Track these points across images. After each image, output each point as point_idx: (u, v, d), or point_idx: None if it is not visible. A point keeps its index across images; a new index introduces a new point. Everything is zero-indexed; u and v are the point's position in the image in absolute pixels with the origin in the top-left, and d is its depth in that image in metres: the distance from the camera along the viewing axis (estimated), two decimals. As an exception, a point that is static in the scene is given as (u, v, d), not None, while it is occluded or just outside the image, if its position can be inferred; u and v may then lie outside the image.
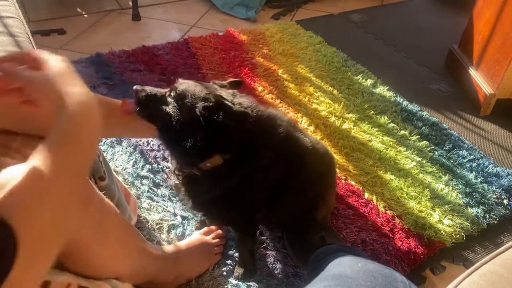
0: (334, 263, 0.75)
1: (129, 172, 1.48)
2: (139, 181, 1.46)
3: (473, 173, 1.64)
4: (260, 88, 2.01)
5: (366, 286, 0.61)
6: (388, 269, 0.69)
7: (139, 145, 1.59)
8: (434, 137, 1.81)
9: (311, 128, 1.80)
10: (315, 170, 1.21)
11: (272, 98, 1.95)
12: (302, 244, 1.23)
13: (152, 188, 1.45)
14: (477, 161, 1.69)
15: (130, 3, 2.57)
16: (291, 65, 2.21)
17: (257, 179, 1.06)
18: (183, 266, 1.16)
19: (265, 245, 1.33)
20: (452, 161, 1.69)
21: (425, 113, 1.94)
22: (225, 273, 1.23)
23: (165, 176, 1.50)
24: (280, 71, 2.15)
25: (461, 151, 1.73)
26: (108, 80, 1.93)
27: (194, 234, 1.29)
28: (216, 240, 1.28)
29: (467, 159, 1.70)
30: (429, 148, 1.74)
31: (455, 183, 1.59)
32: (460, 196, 1.54)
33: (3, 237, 0.48)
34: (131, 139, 1.62)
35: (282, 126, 1.08)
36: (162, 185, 1.47)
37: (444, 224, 1.42)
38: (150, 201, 1.40)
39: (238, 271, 1.24)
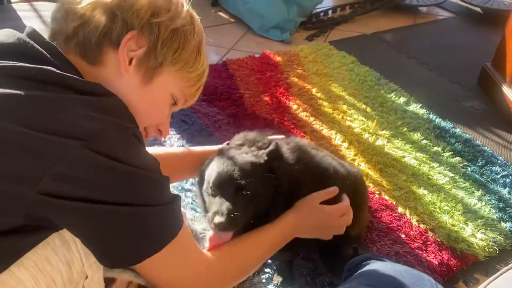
0: (367, 267, 0.82)
1: (174, 186, 1.60)
2: (184, 193, 1.58)
3: (507, 188, 1.66)
4: (294, 107, 2.10)
5: (395, 282, 0.68)
6: (416, 270, 0.75)
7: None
8: (467, 153, 1.84)
9: (345, 144, 1.87)
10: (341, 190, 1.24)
11: (306, 116, 2.04)
12: (335, 257, 1.29)
13: (196, 200, 1.56)
14: (510, 177, 1.71)
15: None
16: (324, 84, 2.30)
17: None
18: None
19: (302, 255, 1.40)
20: (485, 177, 1.72)
21: (458, 130, 1.98)
22: (264, 280, 1.31)
23: (195, 195, 1.60)
24: (314, 90, 2.24)
25: (494, 167, 1.76)
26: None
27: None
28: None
29: (500, 175, 1.72)
30: (462, 164, 1.78)
31: (488, 198, 1.62)
32: (493, 211, 1.56)
33: None
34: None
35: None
36: (190, 205, 1.57)
37: (477, 238, 1.46)
38: (194, 212, 1.51)
39: (277, 279, 1.31)
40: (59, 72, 0.67)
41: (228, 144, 1.14)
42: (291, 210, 1.08)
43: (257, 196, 1.01)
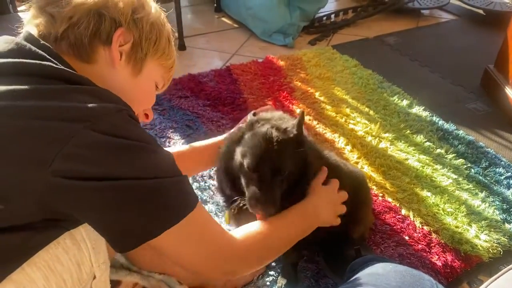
0: (368, 267, 0.83)
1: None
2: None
3: (511, 190, 1.66)
4: (298, 111, 2.12)
5: (396, 281, 0.69)
6: (417, 270, 0.76)
7: (188, 165, 1.73)
8: (471, 155, 1.84)
9: (348, 147, 1.88)
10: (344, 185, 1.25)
11: (310, 120, 2.05)
12: (338, 258, 1.30)
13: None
14: (514, 178, 1.71)
15: (176, 34, 2.77)
16: (327, 88, 2.32)
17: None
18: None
19: (305, 258, 1.41)
20: (488, 179, 1.72)
21: (461, 132, 1.98)
22: (268, 283, 1.32)
23: (212, 193, 1.62)
24: (317, 94, 2.26)
25: (498, 169, 1.76)
26: (158, 106, 2.09)
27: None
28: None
29: (504, 176, 1.73)
30: (465, 166, 1.78)
31: (492, 199, 1.62)
32: (497, 213, 1.57)
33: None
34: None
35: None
36: (209, 201, 1.59)
37: (481, 239, 1.46)
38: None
39: (281, 281, 1.32)
40: (57, 66, 0.72)
41: (254, 114, 1.11)
42: (310, 193, 1.11)
43: (291, 174, 1.03)
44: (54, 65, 0.72)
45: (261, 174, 0.99)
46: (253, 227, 0.96)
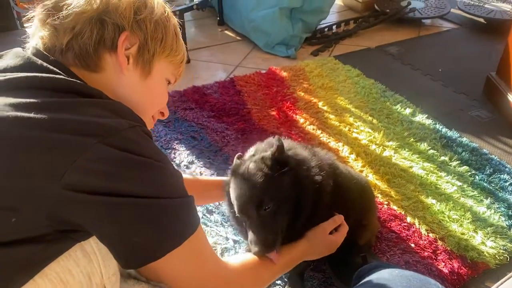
0: (374, 273, 0.84)
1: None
2: (194, 208, 1.60)
3: (516, 196, 1.67)
4: (301, 120, 2.13)
5: (402, 286, 0.69)
6: (423, 275, 0.77)
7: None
8: (475, 162, 1.85)
9: (352, 156, 1.89)
10: (350, 197, 1.26)
11: (313, 129, 2.07)
12: (344, 265, 1.30)
13: (206, 214, 1.58)
14: (519, 184, 1.71)
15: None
16: (330, 97, 2.33)
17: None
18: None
19: (312, 267, 1.41)
20: (493, 185, 1.73)
21: (464, 139, 1.99)
22: (275, 292, 1.32)
23: (217, 203, 1.63)
24: (320, 103, 2.27)
25: (502, 175, 1.77)
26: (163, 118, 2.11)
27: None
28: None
29: (508, 182, 1.73)
30: (469, 173, 1.79)
31: (497, 206, 1.62)
32: (503, 219, 1.57)
33: None
34: (186, 170, 1.78)
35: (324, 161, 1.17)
36: (214, 212, 1.60)
37: (487, 245, 1.46)
38: (205, 226, 1.53)
39: (288, 290, 1.33)
40: (69, 79, 0.72)
41: (239, 157, 1.14)
42: (304, 239, 1.10)
43: (281, 202, 1.00)
44: (66, 78, 0.72)
45: (249, 216, 1.00)
46: (247, 256, 0.99)
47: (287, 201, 1.01)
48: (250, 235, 1.00)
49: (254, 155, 1.08)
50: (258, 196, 0.98)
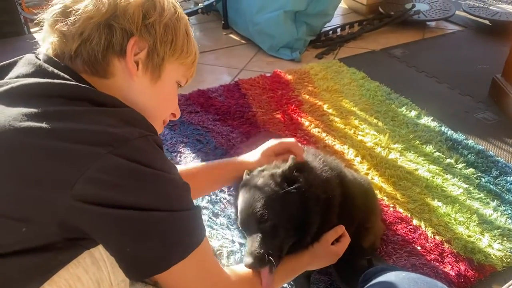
0: (381, 276, 0.84)
1: (191, 204, 1.63)
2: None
3: (523, 198, 1.66)
4: (306, 123, 2.14)
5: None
6: (430, 278, 0.77)
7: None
8: (481, 164, 1.84)
9: (358, 159, 1.89)
10: (355, 204, 1.24)
11: (318, 132, 2.07)
12: (350, 269, 1.30)
13: (212, 217, 1.59)
14: (526, 186, 1.71)
15: (185, 51, 2.82)
16: (335, 100, 2.34)
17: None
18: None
19: (318, 270, 1.41)
20: (499, 187, 1.72)
21: (470, 141, 1.99)
22: (281, 295, 1.32)
23: (223, 206, 1.64)
24: (325, 106, 2.28)
25: (508, 177, 1.76)
26: (169, 121, 2.12)
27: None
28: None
29: (515, 184, 1.72)
30: (475, 175, 1.78)
31: (504, 208, 1.61)
32: (510, 221, 1.56)
33: None
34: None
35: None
36: (220, 215, 1.60)
37: (494, 248, 1.45)
38: (210, 229, 1.53)
39: (294, 293, 1.33)
40: (82, 86, 0.72)
41: (248, 174, 1.12)
42: (307, 252, 1.09)
43: (284, 220, 0.99)
44: (78, 84, 0.72)
45: (249, 229, 1.00)
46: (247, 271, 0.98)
47: (292, 219, 1.00)
48: (247, 247, 0.99)
49: (264, 170, 1.08)
50: (260, 210, 0.98)
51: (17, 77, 0.74)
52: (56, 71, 0.74)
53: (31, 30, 2.72)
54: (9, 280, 0.64)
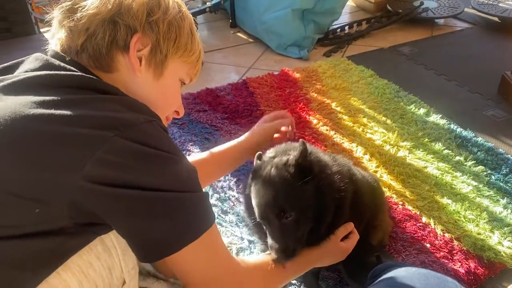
0: (390, 272, 0.84)
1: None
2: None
3: (533, 196, 1.65)
4: (315, 121, 2.14)
5: (420, 283, 0.70)
6: (440, 273, 0.77)
7: (208, 177, 1.76)
8: (490, 161, 1.83)
9: (367, 156, 1.89)
10: (364, 201, 1.24)
11: (327, 130, 2.07)
12: (359, 265, 1.30)
13: (221, 215, 1.60)
14: (536, 184, 1.70)
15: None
16: (344, 98, 2.34)
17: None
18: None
19: (327, 267, 1.41)
20: (510, 185, 1.71)
21: (480, 138, 1.98)
22: (290, 291, 1.33)
23: (232, 204, 1.65)
24: (333, 104, 2.28)
25: (519, 175, 1.75)
26: (177, 120, 2.14)
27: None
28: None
29: (525, 182, 1.71)
30: (485, 173, 1.77)
31: (514, 206, 1.61)
32: (520, 219, 1.55)
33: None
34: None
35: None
36: (229, 212, 1.61)
37: (504, 245, 1.45)
38: (220, 226, 1.54)
39: (303, 290, 1.33)
40: (87, 76, 0.75)
41: (259, 158, 1.12)
42: (316, 248, 1.10)
43: (303, 211, 0.99)
44: (84, 75, 0.75)
45: (270, 223, 0.99)
46: (261, 257, 1.00)
47: (309, 209, 1.00)
48: (270, 241, 0.99)
49: (275, 157, 1.07)
50: (280, 205, 0.98)
51: (26, 71, 0.76)
52: (62, 64, 0.77)
53: (41, 30, 2.75)
54: (21, 264, 0.65)
